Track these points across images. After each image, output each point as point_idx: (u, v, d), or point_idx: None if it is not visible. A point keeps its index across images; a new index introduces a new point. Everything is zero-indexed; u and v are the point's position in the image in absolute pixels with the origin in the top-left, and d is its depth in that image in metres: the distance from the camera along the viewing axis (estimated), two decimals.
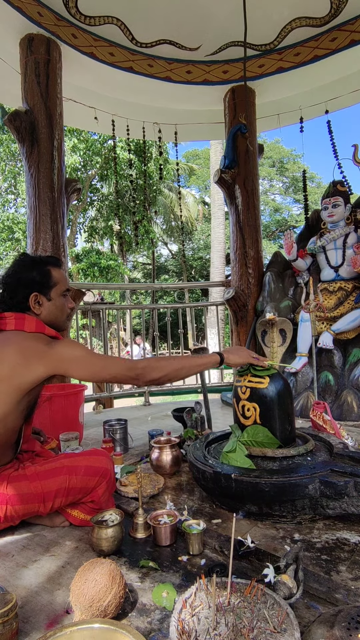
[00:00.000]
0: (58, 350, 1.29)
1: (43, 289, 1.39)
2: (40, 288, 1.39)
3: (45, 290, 1.40)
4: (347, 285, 3.11)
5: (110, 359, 1.37)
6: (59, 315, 1.44)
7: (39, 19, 3.01)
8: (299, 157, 21.31)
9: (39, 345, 1.29)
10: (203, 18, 3.32)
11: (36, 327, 1.34)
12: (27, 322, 1.33)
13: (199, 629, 0.81)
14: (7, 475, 1.29)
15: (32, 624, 0.94)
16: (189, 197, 20.17)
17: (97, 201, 15.27)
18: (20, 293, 1.37)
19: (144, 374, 1.32)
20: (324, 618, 0.83)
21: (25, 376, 1.25)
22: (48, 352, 1.27)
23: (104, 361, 1.34)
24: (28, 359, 1.26)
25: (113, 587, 0.90)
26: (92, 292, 13.71)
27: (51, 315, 1.41)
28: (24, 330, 1.32)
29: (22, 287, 1.37)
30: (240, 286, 3.71)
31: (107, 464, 1.39)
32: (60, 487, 1.30)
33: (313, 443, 1.63)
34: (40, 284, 1.39)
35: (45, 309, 1.40)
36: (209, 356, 1.45)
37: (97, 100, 3.94)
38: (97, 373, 1.32)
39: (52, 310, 1.41)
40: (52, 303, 1.41)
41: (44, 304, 1.39)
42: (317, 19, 3.32)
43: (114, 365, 1.33)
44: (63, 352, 1.28)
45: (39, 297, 1.38)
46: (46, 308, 1.40)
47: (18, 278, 1.38)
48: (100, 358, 1.36)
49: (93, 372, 1.32)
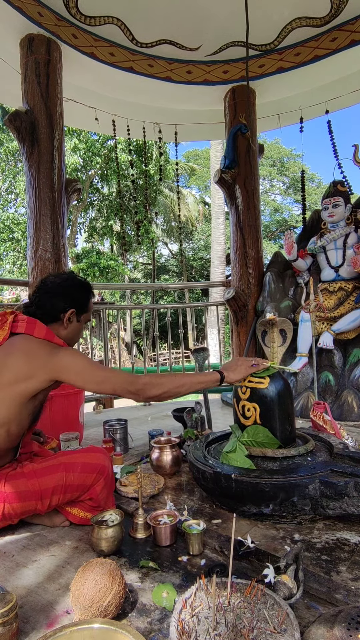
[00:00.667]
0: (61, 358, 1.29)
1: (80, 310, 1.47)
2: (79, 308, 1.46)
3: (80, 312, 1.48)
4: (347, 285, 3.11)
5: (112, 372, 1.37)
6: (75, 338, 1.50)
7: (39, 19, 3.02)
8: (299, 156, 21.32)
9: (44, 352, 1.30)
10: (203, 18, 3.32)
11: (45, 334, 1.35)
12: (37, 328, 1.35)
13: (199, 629, 0.81)
14: (4, 473, 1.29)
15: (32, 624, 0.94)
16: (189, 197, 20.18)
17: (97, 201, 15.28)
18: (59, 304, 1.41)
19: (144, 389, 1.32)
20: (324, 618, 0.83)
21: (27, 383, 1.27)
22: (51, 360, 1.29)
23: (105, 374, 1.34)
24: (32, 366, 1.27)
25: (113, 587, 0.90)
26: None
27: (71, 334, 1.47)
28: (32, 335, 1.33)
29: (64, 299, 1.42)
30: (241, 286, 3.71)
31: (105, 460, 1.39)
32: (58, 484, 1.30)
33: (313, 443, 1.63)
34: (81, 305, 1.47)
35: (72, 327, 1.46)
36: (209, 374, 1.46)
37: (98, 101, 3.94)
38: (98, 385, 1.32)
39: (75, 331, 1.48)
40: (78, 325, 1.49)
41: (73, 322, 1.46)
42: (318, 19, 3.33)
43: (115, 379, 1.32)
44: (66, 361, 1.29)
45: (74, 315, 1.45)
46: (73, 327, 1.47)
47: (68, 290, 1.44)
48: (102, 370, 1.36)
49: (94, 384, 1.32)
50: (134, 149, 10.86)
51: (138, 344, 18.82)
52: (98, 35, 3.34)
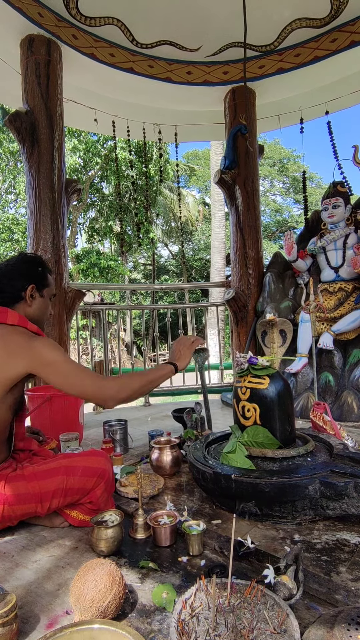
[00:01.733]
0: (38, 348, 1.26)
1: (40, 285, 1.45)
2: (38, 283, 1.44)
3: (41, 287, 1.45)
4: (347, 286, 3.11)
5: (86, 371, 1.30)
6: (43, 314, 1.48)
7: (40, 20, 3.02)
8: (299, 157, 21.33)
9: (21, 339, 1.27)
10: (203, 19, 3.33)
11: (19, 320, 1.34)
12: (10, 315, 1.33)
13: (199, 629, 0.81)
14: (5, 475, 1.28)
15: (32, 624, 0.93)
16: (189, 197, 20.18)
17: (97, 202, 15.28)
18: (18, 283, 1.39)
19: (113, 396, 1.27)
20: (324, 619, 0.83)
21: (8, 371, 1.24)
22: (29, 349, 1.26)
23: (80, 372, 1.28)
24: (10, 354, 1.25)
25: (113, 587, 0.90)
26: (93, 293, 13.74)
27: (38, 311, 1.44)
28: (6, 323, 1.32)
29: (22, 278, 1.40)
30: (241, 287, 3.71)
31: (105, 464, 1.39)
32: (58, 487, 1.30)
33: (313, 444, 1.63)
34: (39, 279, 1.44)
35: (36, 304, 1.44)
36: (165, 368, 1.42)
37: (98, 101, 3.95)
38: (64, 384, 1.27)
39: (42, 307, 1.46)
40: (42, 300, 1.46)
41: (36, 298, 1.44)
42: (318, 20, 3.33)
43: (88, 379, 1.27)
44: (43, 353, 1.26)
45: (34, 290, 1.42)
46: (37, 303, 1.44)
47: (21, 268, 1.42)
48: (78, 368, 1.30)
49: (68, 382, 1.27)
50: (134, 149, 10.87)
51: (138, 345, 18.81)
52: (98, 36, 3.34)
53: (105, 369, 3.79)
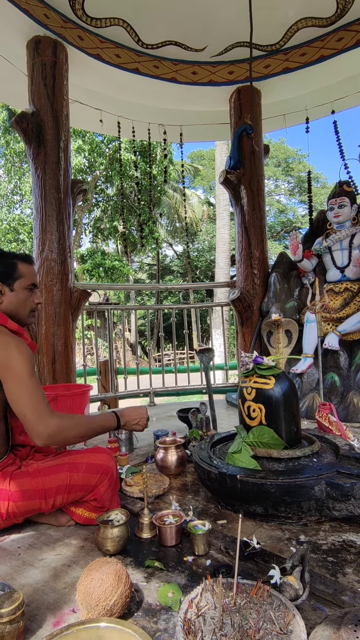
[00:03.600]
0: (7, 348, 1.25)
1: (6, 280, 1.42)
2: (4, 278, 1.41)
3: (9, 281, 1.42)
4: (353, 286, 3.09)
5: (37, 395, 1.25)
6: (20, 307, 1.44)
7: (46, 21, 3.04)
8: (304, 157, 21.26)
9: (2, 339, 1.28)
10: (208, 19, 3.33)
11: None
12: None
13: (205, 629, 0.81)
14: (9, 472, 1.29)
15: (39, 622, 0.94)
16: (193, 197, 20.19)
17: (102, 202, 15.34)
18: None
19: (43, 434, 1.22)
20: (330, 620, 0.83)
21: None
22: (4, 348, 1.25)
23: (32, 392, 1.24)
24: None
25: (119, 586, 0.91)
26: (98, 293, 13.78)
27: (11, 305, 1.42)
28: None
29: None
30: (246, 287, 3.70)
31: (109, 461, 1.39)
32: (62, 484, 1.30)
33: (319, 444, 1.62)
34: (4, 274, 1.41)
35: (7, 299, 1.41)
36: (108, 420, 1.41)
37: (103, 102, 3.96)
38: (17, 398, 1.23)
39: (13, 301, 1.42)
40: (14, 294, 1.43)
41: (5, 294, 1.41)
42: (323, 19, 3.32)
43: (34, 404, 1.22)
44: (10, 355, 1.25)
45: (1, 286, 1.40)
46: (7, 298, 1.41)
47: None
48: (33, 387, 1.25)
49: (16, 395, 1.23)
50: (138, 149, 10.89)
51: (143, 345, 18.84)
52: (104, 37, 3.35)
53: (110, 368, 3.80)
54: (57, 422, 1.25)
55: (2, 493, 1.25)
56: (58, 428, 1.24)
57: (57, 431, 1.24)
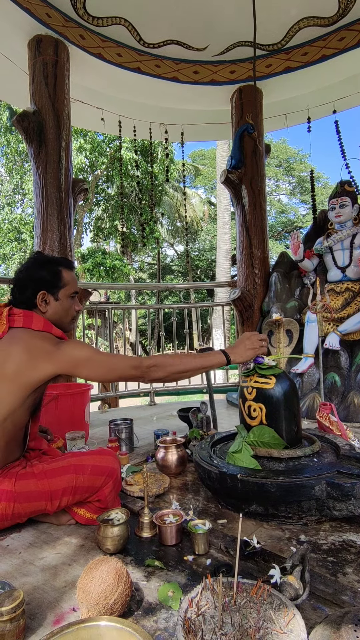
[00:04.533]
0: (66, 350, 1.30)
1: (52, 288, 1.41)
2: (49, 287, 1.41)
3: (54, 290, 1.42)
4: (354, 286, 3.09)
5: (116, 358, 1.38)
6: (64, 316, 1.45)
7: (47, 20, 3.03)
8: (305, 157, 21.23)
9: (46, 345, 1.30)
10: (210, 18, 3.32)
11: (44, 326, 1.35)
12: (35, 320, 1.35)
13: (205, 628, 0.81)
14: (15, 472, 1.30)
15: (39, 620, 0.94)
16: (194, 197, 20.17)
17: (103, 201, 15.34)
18: (30, 290, 1.39)
19: (149, 372, 1.34)
20: (330, 619, 0.83)
21: (31, 375, 1.27)
22: (56, 352, 1.28)
23: (111, 361, 1.34)
24: (35, 358, 1.27)
25: (119, 585, 0.91)
26: (99, 292, 13.78)
27: (56, 315, 1.43)
28: (31, 328, 1.33)
29: (32, 284, 1.39)
30: (246, 286, 3.70)
31: (114, 463, 1.40)
32: (67, 485, 1.31)
33: (319, 444, 1.62)
34: (49, 283, 1.41)
35: (52, 309, 1.42)
36: (214, 357, 1.43)
37: (105, 101, 3.96)
38: (106, 374, 1.33)
39: (58, 310, 1.43)
40: (59, 303, 1.43)
41: (50, 303, 1.41)
42: (325, 19, 3.31)
43: (121, 365, 1.34)
44: (71, 353, 1.30)
45: (46, 295, 1.40)
46: (52, 307, 1.42)
47: (29, 275, 1.41)
48: (108, 358, 1.36)
49: (101, 373, 1.33)
50: (139, 149, 10.88)
51: (143, 344, 18.84)
52: (105, 36, 3.35)
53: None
54: (151, 361, 1.35)
55: (8, 494, 1.26)
56: (154, 362, 1.34)
57: (155, 365, 1.34)
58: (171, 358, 1.39)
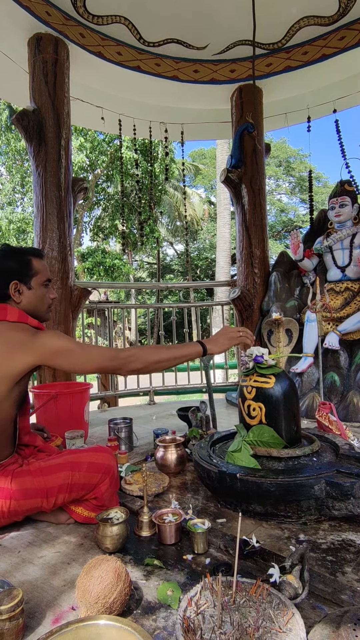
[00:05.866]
0: (43, 341, 1.28)
1: (23, 278, 1.40)
2: (20, 277, 1.40)
3: (26, 279, 1.41)
4: (353, 285, 3.09)
5: (94, 349, 1.38)
6: (39, 305, 1.44)
7: (47, 19, 3.03)
8: (305, 156, 21.22)
9: (23, 335, 1.29)
10: (210, 17, 3.32)
11: (19, 317, 1.34)
12: (9, 312, 1.34)
13: (204, 627, 0.81)
14: (11, 470, 1.30)
15: (38, 619, 0.94)
16: (194, 196, 20.16)
17: (103, 200, 15.32)
18: (0, 281, 1.38)
19: (126, 364, 1.32)
20: (329, 619, 0.83)
21: (11, 367, 1.26)
22: (33, 343, 1.27)
23: (89, 352, 1.34)
24: (12, 349, 1.26)
25: (118, 584, 0.91)
26: (99, 291, 13.77)
27: (31, 304, 1.42)
28: (6, 320, 1.33)
29: (2, 276, 1.38)
30: (246, 286, 3.70)
31: (110, 460, 1.39)
32: (63, 483, 1.30)
33: (319, 444, 1.62)
34: (19, 273, 1.40)
35: (26, 298, 1.41)
36: (191, 347, 1.41)
37: (104, 100, 3.95)
38: (83, 365, 1.32)
39: (32, 299, 1.42)
40: (32, 292, 1.42)
41: (24, 292, 1.40)
42: (325, 18, 3.31)
43: (99, 356, 1.33)
44: (49, 343, 1.28)
45: (19, 285, 1.39)
46: (26, 297, 1.41)
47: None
48: (85, 349, 1.36)
49: (78, 364, 1.32)
50: (140, 148, 10.87)
51: (143, 343, 18.84)
52: (105, 35, 3.34)
53: None
54: (127, 352, 1.34)
55: (4, 491, 1.25)
56: (130, 353, 1.33)
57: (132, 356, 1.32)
58: (148, 349, 1.39)
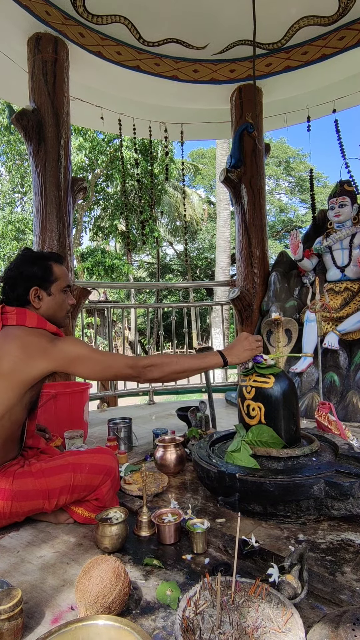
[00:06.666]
0: (62, 347, 1.29)
1: (43, 284, 1.41)
2: (41, 282, 1.40)
3: (46, 285, 1.41)
4: (353, 285, 3.09)
5: (113, 356, 1.38)
6: (57, 310, 1.45)
7: (47, 18, 3.02)
8: (305, 156, 21.22)
9: (42, 341, 1.29)
10: (210, 17, 3.31)
11: (37, 322, 1.35)
12: (28, 317, 1.34)
13: (204, 627, 0.81)
14: (12, 471, 1.29)
15: (37, 619, 0.94)
16: (194, 196, 20.16)
17: (102, 200, 15.31)
18: (21, 286, 1.38)
19: (145, 372, 1.33)
20: (328, 618, 0.83)
21: (27, 372, 1.26)
22: (51, 349, 1.28)
23: (107, 359, 1.34)
24: (30, 355, 1.26)
25: (118, 584, 0.91)
26: (98, 291, 13.77)
27: (50, 310, 1.42)
28: (25, 326, 1.33)
29: (23, 281, 1.38)
30: (246, 286, 3.70)
31: (112, 462, 1.39)
32: (65, 484, 1.30)
33: (318, 444, 1.62)
34: (40, 279, 1.40)
35: (45, 304, 1.41)
36: (212, 357, 1.42)
37: (104, 99, 3.95)
38: (101, 372, 1.34)
39: (51, 305, 1.42)
40: (52, 298, 1.42)
41: (43, 298, 1.41)
42: (325, 18, 3.31)
43: (117, 363, 1.33)
44: (67, 350, 1.29)
45: (39, 291, 1.40)
46: (46, 303, 1.41)
47: (20, 272, 1.39)
48: (104, 356, 1.36)
49: (97, 371, 1.33)
50: (139, 148, 10.87)
51: (142, 343, 18.84)
52: (105, 34, 3.34)
53: None
54: (147, 360, 1.35)
55: (6, 493, 1.25)
56: (150, 361, 1.34)
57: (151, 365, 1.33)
58: (167, 358, 1.38)
